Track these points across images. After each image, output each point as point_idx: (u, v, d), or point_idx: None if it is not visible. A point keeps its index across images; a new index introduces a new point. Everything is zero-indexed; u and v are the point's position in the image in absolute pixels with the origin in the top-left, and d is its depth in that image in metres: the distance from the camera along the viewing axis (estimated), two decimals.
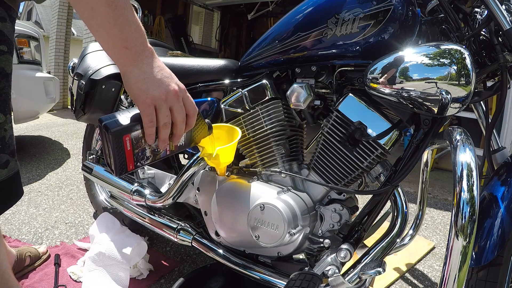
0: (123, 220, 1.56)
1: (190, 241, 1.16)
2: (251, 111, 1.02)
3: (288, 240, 0.89)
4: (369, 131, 0.86)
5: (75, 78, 1.37)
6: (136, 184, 1.32)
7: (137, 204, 1.33)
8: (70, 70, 1.51)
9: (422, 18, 0.88)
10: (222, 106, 1.07)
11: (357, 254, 0.96)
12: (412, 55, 0.76)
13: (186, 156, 1.37)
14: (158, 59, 0.63)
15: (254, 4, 6.47)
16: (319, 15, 0.88)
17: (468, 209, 0.66)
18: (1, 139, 0.70)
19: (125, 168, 0.64)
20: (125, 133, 0.62)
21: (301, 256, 0.97)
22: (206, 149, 0.91)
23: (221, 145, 0.93)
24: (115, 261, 1.31)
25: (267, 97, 1.00)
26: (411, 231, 1.27)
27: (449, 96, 0.73)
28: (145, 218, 1.30)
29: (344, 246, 0.87)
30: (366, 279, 0.85)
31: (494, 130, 0.94)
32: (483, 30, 0.84)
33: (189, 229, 1.18)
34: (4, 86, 0.71)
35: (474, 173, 0.69)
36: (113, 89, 1.32)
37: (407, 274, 1.53)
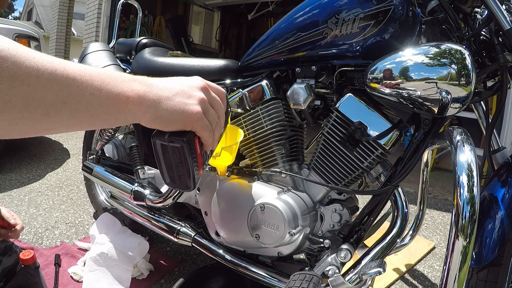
0: (123, 220, 1.56)
1: (190, 241, 1.16)
2: (251, 111, 1.02)
3: (288, 240, 0.89)
4: (369, 131, 0.86)
5: None
6: (136, 184, 1.32)
7: (137, 204, 1.33)
8: None
9: (422, 18, 0.88)
10: None
11: (357, 254, 0.96)
12: (412, 55, 0.76)
13: None
14: (156, 78, 0.51)
15: (254, 4, 6.48)
16: (319, 15, 0.88)
17: (469, 209, 0.66)
18: None
19: (198, 176, 0.55)
20: (195, 135, 0.52)
21: (301, 256, 0.97)
22: None
23: (222, 145, 0.93)
24: (117, 261, 1.31)
25: (267, 97, 1.00)
26: (411, 231, 1.27)
27: (449, 96, 0.73)
28: (145, 218, 1.30)
29: (344, 246, 0.87)
30: (366, 279, 0.85)
31: (494, 130, 0.94)
32: (483, 30, 0.85)
33: (189, 229, 1.18)
34: None
35: (474, 173, 0.69)
36: None
37: (407, 274, 1.53)
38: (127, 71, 1.38)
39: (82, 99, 0.40)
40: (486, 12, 0.79)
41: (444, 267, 0.67)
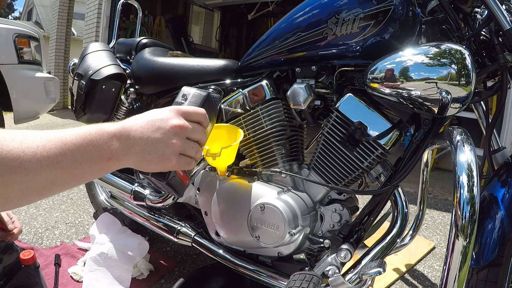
0: (123, 220, 1.56)
1: (190, 241, 1.16)
2: (251, 111, 1.02)
3: (288, 240, 0.89)
4: (369, 131, 0.86)
5: (75, 78, 1.37)
6: (136, 185, 1.32)
7: (137, 204, 1.33)
8: (70, 70, 1.51)
9: (422, 18, 0.88)
10: (222, 106, 1.07)
11: (357, 254, 0.96)
12: (412, 55, 0.76)
13: None
14: (133, 122, 0.54)
15: (254, 4, 6.47)
16: (319, 15, 0.88)
17: (469, 209, 0.66)
18: None
19: (185, 186, 0.69)
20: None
21: (301, 256, 0.97)
22: (211, 149, 0.91)
23: (222, 145, 0.93)
24: (117, 261, 1.31)
25: (267, 97, 1.00)
26: (411, 231, 1.27)
27: (449, 96, 0.73)
28: (145, 218, 1.30)
29: (344, 246, 0.87)
30: (366, 279, 0.85)
31: (494, 130, 0.94)
32: (483, 30, 0.84)
33: (189, 229, 1.18)
34: None
35: (474, 173, 0.69)
36: (113, 89, 1.32)
37: (407, 274, 1.53)
38: (127, 72, 1.38)
39: (68, 176, 0.47)
40: (486, 12, 0.79)
41: (444, 267, 0.67)
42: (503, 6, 0.76)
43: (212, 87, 0.79)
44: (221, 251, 1.09)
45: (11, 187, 0.42)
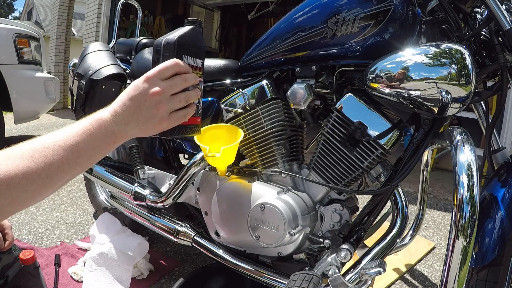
0: (123, 220, 1.56)
1: (190, 241, 1.16)
2: (251, 111, 1.02)
3: (288, 240, 0.89)
4: (369, 131, 0.86)
5: (75, 78, 1.36)
6: (136, 185, 1.32)
7: (137, 204, 1.33)
8: (71, 70, 1.51)
9: (422, 18, 0.88)
10: (222, 106, 1.07)
11: (357, 254, 0.96)
12: (412, 55, 0.76)
13: (186, 156, 1.37)
14: (121, 103, 0.61)
15: (254, 4, 6.47)
16: (319, 15, 0.88)
17: (469, 209, 0.66)
18: None
19: (197, 127, 0.73)
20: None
21: (301, 256, 0.97)
22: (211, 149, 0.91)
23: (222, 145, 0.93)
24: (117, 261, 1.31)
25: (267, 97, 1.00)
26: (411, 231, 1.27)
27: (449, 96, 0.73)
28: (145, 218, 1.30)
29: (344, 246, 0.87)
30: (366, 279, 0.85)
31: (494, 130, 0.94)
32: (483, 30, 0.84)
33: (189, 229, 1.18)
34: None
35: (474, 173, 0.69)
36: (113, 89, 1.32)
37: (407, 274, 1.53)
38: (127, 72, 1.38)
39: (86, 165, 0.58)
40: (486, 12, 0.79)
41: (444, 267, 0.67)
42: (503, 6, 0.76)
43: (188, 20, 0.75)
44: (221, 251, 1.09)
45: (52, 188, 0.55)
